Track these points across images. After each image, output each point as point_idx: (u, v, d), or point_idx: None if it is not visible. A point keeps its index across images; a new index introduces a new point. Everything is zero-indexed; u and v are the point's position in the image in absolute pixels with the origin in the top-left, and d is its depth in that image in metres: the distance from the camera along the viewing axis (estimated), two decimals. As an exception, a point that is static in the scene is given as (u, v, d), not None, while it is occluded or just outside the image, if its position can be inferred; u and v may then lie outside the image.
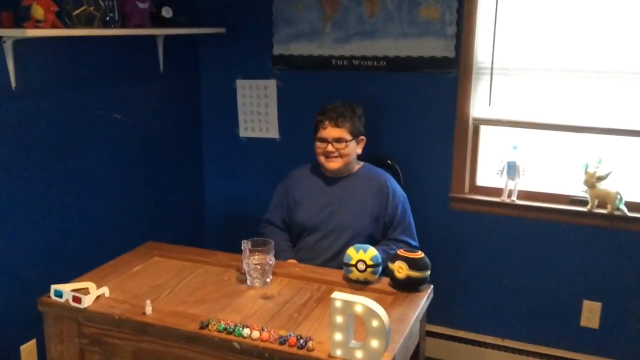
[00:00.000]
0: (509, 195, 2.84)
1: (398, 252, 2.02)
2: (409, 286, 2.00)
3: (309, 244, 2.56)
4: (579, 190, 2.75)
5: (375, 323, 1.56)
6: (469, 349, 3.03)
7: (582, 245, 2.78)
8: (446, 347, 3.04)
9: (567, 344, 2.89)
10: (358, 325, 1.64)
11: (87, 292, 1.95)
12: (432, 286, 2.05)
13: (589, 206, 2.70)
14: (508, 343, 2.99)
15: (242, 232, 3.28)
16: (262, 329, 1.72)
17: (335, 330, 1.61)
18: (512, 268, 2.92)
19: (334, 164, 2.52)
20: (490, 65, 2.81)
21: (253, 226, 2.76)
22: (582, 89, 2.69)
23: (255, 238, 2.11)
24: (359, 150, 2.59)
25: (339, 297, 1.59)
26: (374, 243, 2.51)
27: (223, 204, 3.48)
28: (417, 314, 1.87)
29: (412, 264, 1.97)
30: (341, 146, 2.49)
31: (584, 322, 2.84)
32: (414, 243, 2.55)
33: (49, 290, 1.95)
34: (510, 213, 2.86)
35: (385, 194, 2.53)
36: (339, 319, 1.60)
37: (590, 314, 2.82)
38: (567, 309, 2.86)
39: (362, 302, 1.57)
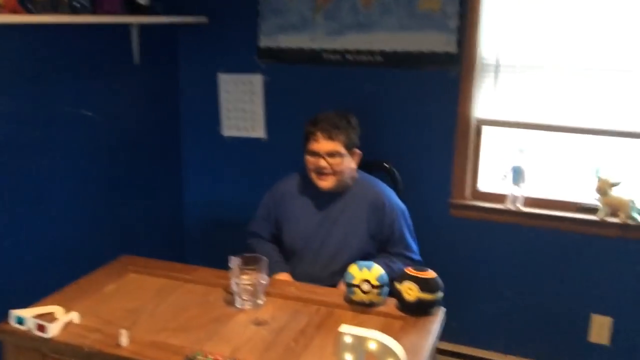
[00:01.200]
0: (514, 202, 2.65)
1: (406, 270, 1.81)
2: (419, 310, 1.78)
3: (301, 266, 2.32)
4: (589, 197, 2.58)
5: (392, 363, 1.34)
6: (469, 365, 2.85)
7: (592, 256, 2.61)
8: (444, 363, 2.85)
9: (573, 360, 2.72)
10: None
11: (54, 318, 1.70)
12: (444, 308, 1.84)
13: (600, 214, 2.53)
14: (510, 359, 2.80)
15: (225, 241, 3.06)
16: (258, 365, 1.49)
17: (345, 370, 1.39)
18: (516, 279, 2.74)
19: (326, 183, 2.25)
20: (495, 62, 2.62)
21: (237, 234, 2.53)
22: (594, 89, 2.50)
23: (246, 254, 1.88)
24: (354, 165, 2.32)
25: (349, 331, 1.37)
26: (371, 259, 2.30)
27: (204, 209, 3.23)
28: (430, 343, 1.66)
29: (424, 285, 1.76)
30: (335, 162, 2.22)
31: (593, 337, 2.67)
32: (415, 257, 2.33)
33: (7, 315, 1.69)
34: (515, 221, 2.67)
35: (381, 209, 2.29)
36: (349, 357, 1.38)
37: (600, 329, 2.65)
38: (574, 324, 2.69)
39: (375, 337, 1.35)
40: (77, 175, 2.52)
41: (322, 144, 2.22)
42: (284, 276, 2.25)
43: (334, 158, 2.22)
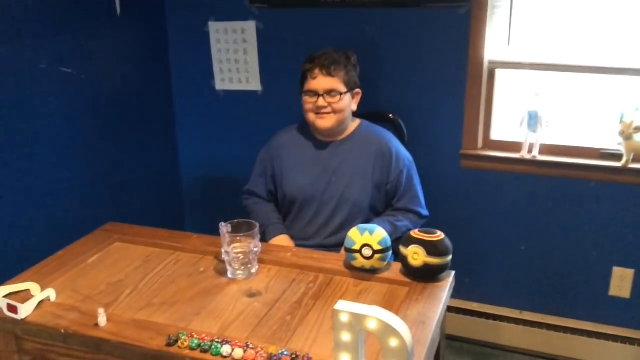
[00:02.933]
0: (530, 150, 2.45)
1: (412, 233, 1.64)
2: (426, 275, 1.63)
3: (301, 221, 2.18)
4: (611, 142, 2.37)
5: (394, 342, 1.18)
6: (483, 323, 2.70)
7: (613, 205, 2.42)
8: (457, 322, 2.71)
9: (593, 316, 2.57)
10: (370, 342, 1.28)
11: (29, 296, 1.57)
12: (453, 273, 1.68)
13: (623, 161, 2.33)
14: (526, 316, 2.66)
15: (225, 199, 2.93)
16: (247, 345, 1.34)
17: (341, 351, 1.24)
18: (532, 233, 2.57)
19: (326, 122, 2.11)
20: (509, -3, 2.37)
21: (236, 192, 2.39)
22: (617, 24, 2.26)
23: (237, 220, 1.72)
24: (354, 107, 2.18)
25: (345, 308, 1.21)
26: (376, 215, 2.15)
27: (200, 168, 3.05)
28: (439, 312, 1.50)
29: (431, 248, 1.59)
30: (334, 100, 2.07)
31: (613, 291, 2.51)
32: (423, 212, 2.18)
33: (-22, 295, 1.56)
34: (531, 171, 2.48)
35: (387, 158, 2.13)
36: (346, 336, 1.22)
37: (622, 282, 2.49)
38: (594, 277, 2.53)
39: (375, 315, 1.19)
40: (59, 139, 2.34)
41: (320, 81, 2.07)
42: (282, 239, 2.11)
43: (333, 97, 2.07)
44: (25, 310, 1.50)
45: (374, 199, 2.14)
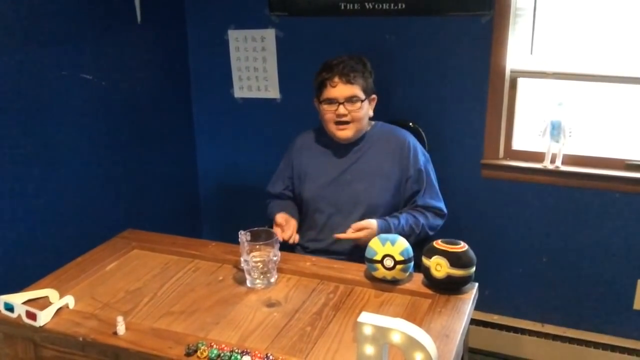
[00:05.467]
0: (553, 161, 2.41)
1: (435, 244, 1.61)
2: (449, 287, 1.60)
3: (318, 223, 2.16)
4: (637, 153, 2.33)
5: (419, 357, 1.16)
6: (504, 336, 2.65)
7: (639, 218, 2.36)
8: (477, 334, 2.66)
9: (617, 330, 2.51)
10: (393, 354, 1.25)
11: (48, 303, 1.56)
12: (476, 285, 1.65)
13: (649, 172, 2.29)
14: (549, 329, 2.60)
15: (243, 207, 2.92)
16: (267, 356, 1.32)
17: (364, 364, 1.21)
18: (555, 244, 2.52)
19: (346, 133, 2.10)
20: (532, 5, 2.34)
21: (254, 199, 2.38)
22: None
23: (256, 228, 1.70)
24: (371, 112, 2.18)
25: (368, 320, 1.19)
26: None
27: (218, 175, 3.05)
28: (463, 326, 1.47)
29: (454, 259, 1.56)
30: (354, 107, 2.07)
31: (638, 304, 2.45)
32: (445, 209, 2.16)
33: (-3, 302, 1.55)
34: (554, 181, 2.44)
35: (405, 153, 2.12)
36: (369, 349, 1.20)
37: (646, 296, 2.44)
38: (618, 290, 2.47)
39: (400, 328, 1.16)
40: (76, 145, 2.34)
41: (341, 89, 2.06)
42: (279, 216, 2.07)
43: (353, 104, 2.07)
44: (44, 317, 1.49)
45: (393, 198, 2.12)
